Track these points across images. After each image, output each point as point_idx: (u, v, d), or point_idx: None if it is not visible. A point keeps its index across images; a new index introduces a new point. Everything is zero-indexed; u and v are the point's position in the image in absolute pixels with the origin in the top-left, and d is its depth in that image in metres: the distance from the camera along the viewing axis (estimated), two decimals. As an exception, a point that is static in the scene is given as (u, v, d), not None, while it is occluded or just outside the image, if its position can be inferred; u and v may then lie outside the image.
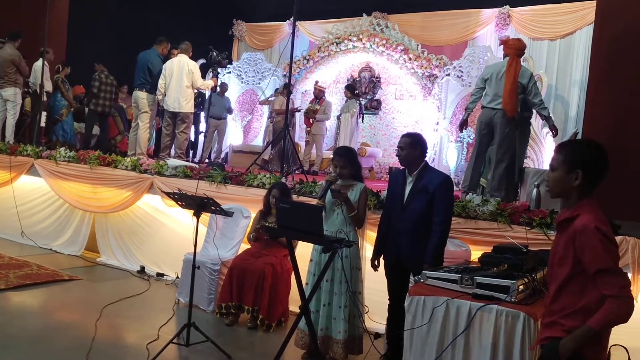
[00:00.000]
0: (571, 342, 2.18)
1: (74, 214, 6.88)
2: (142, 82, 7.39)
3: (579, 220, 2.20)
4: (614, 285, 2.13)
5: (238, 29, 14.00)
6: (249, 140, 12.09)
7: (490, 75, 5.56)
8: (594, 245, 2.14)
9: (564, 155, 2.30)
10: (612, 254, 2.19)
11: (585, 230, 2.16)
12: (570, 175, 2.26)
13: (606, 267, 2.13)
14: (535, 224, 4.17)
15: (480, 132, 5.62)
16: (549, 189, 2.36)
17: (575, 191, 2.27)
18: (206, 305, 5.02)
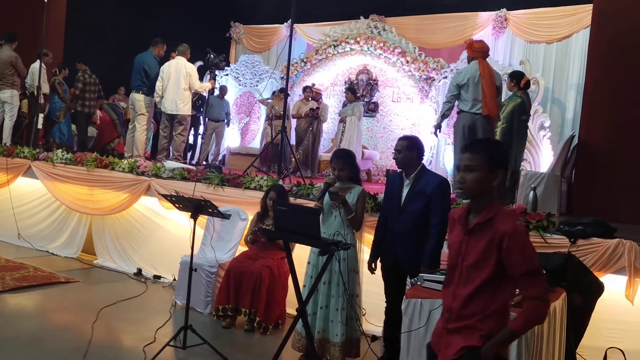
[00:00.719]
0: (493, 348, 2.14)
1: (70, 216, 6.86)
2: (139, 84, 7.38)
3: (501, 223, 2.16)
4: (539, 287, 2.12)
5: (236, 31, 14.01)
6: (247, 142, 12.09)
7: (466, 80, 5.58)
8: (524, 247, 2.13)
9: (486, 155, 2.22)
10: (536, 256, 2.20)
11: (515, 233, 2.13)
12: (491, 175, 2.21)
13: (535, 268, 2.12)
14: (531, 227, 4.17)
15: (464, 136, 5.64)
16: (464, 190, 2.25)
17: (491, 192, 2.24)
18: (203, 308, 5.01)
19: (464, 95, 5.58)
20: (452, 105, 5.69)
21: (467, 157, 2.24)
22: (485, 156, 2.21)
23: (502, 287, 2.18)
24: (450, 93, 5.66)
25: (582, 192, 6.29)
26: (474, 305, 2.20)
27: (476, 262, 2.20)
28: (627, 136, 5.93)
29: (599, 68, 6.27)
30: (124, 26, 10.85)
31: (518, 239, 2.13)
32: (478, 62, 5.62)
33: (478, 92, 5.51)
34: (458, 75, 5.68)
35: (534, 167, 8.19)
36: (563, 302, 3.43)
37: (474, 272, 2.21)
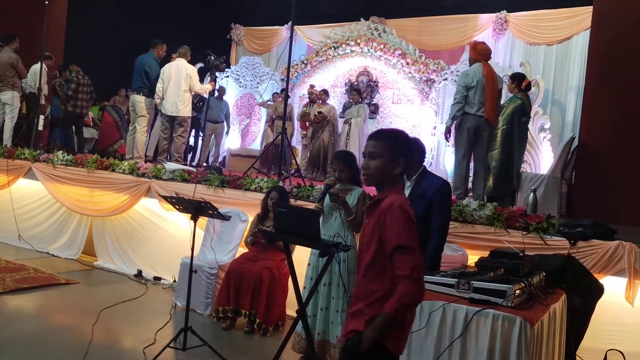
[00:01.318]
0: (371, 332, 2.11)
1: (71, 217, 6.87)
2: (140, 86, 7.39)
3: (385, 200, 2.19)
4: (407, 265, 2.09)
5: (236, 33, 14.03)
6: (247, 144, 12.10)
7: (475, 83, 5.52)
8: (396, 222, 2.12)
9: (389, 143, 2.25)
10: (411, 233, 2.15)
11: (390, 208, 2.14)
12: (393, 163, 2.23)
13: (403, 244, 2.10)
14: (531, 229, 4.18)
15: (469, 139, 5.62)
16: (367, 177, 2.27)
17: (392, 178, 2.25)
18: (203, 309, 5.01)
19: (471, 98, 5.50)
20: (463, 106, 5.55)
21: (370, 145, 2.27)
22: (388, 144, 2.24)
23: (386, 270, 2.15)
24: (459, 94, 5.55)
25: (582, 193, 6.30)
26: (366, 288, 2.20)
27: (367, 243, 2.22)
28: (627, 138, 5.94)
29: (599, 70, 6.28)
30: (125, 28, 10.86)
31: (391, 213, 2.13)
32: (482, 65, 5.58)
33: (483, 95, 5.49)
34: (466, 77, 5.57)
35: (534, 169, 8.19)
36: (563, 303, 3.43)
37: (365, 254, 2.23)
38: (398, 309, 2.09)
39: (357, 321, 2.18)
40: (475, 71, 5.55)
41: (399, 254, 2.10)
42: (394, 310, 2.09)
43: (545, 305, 3.02)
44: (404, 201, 2.19)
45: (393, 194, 2.21)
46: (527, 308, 2.87)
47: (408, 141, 2.34)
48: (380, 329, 2.10)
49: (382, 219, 2.15)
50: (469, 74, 5.57)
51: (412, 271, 2.08)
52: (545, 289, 3.30)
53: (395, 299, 2.08)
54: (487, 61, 5.65)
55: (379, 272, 2.17)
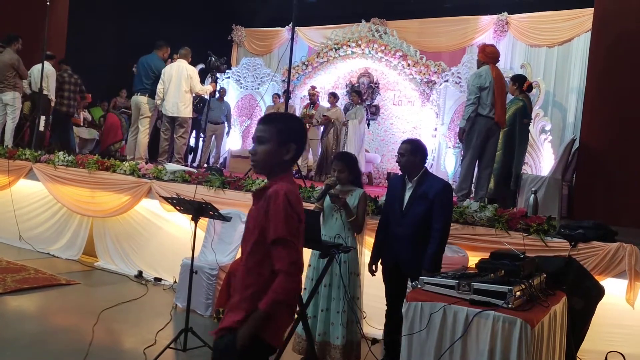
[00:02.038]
0: (247, 330, 2.02)
1: (72, 218, 6.87)
2: (144, 87, 7.40)
3: (272, 187, 2.09)
4: (284, 259, 2.00)
5: (237, 34, 14.05)
6: (248, 145, 12.10)
7: (488, 84, 5.47)
8: (279, 211, 2.02)
9: (278, 128, 2.14)
10: (293, 226, 2.05)
11: (275, 196, 2.04)
12: (282, 149, 2.12)
13: (282, 236, 2.01)
14: (532, 230, 4.18)
15: (481, 141, 5.55)
16: (255, 162, 2.16)
17: (281, 165, 2.15)
18: (204, 310, 5.01)
19: (484, 99, 5.42)
20: (477, 107, 5.45)
21: (259, 129, 2.17)
22: (276, 129, 2.13)
23: (266, 261, 2.05)
24: (473, 95, 5.43)
25: (582, 195, 6.29)
26: (243, 278, 2.11)
27: (250, 231, 2.12)
28: (628, 140, 5.94)
29: (600, 72, 6.28)
30: (126, 29, 10.87)
31: (277, 202, 2.03)
32: (491, 68, 5.54)
33: (493, 97, 5.46)
34: (479, 78, 5.48)
35: (535, 171, 8.19)
36: (563, 305, 3.43)
37: (246, 242, 2.14)
38: (272, 305, 2.01)
39: (233, 316, 2.08)
40: (487, 73, 5.51)
41: (278, 246, 2.01)
42: (268, 306, 2.00)
43: (546, 307, 3.02)
44: (291, 190, 2.09)
45: (280, 181, 2.10)
46: (528, 310, 2.87)
47: (301, 127, 2.25)
48: (254, 326, 2.01)
49: (266, 207, 2.05)
50: (482, 75, 5.49)
51: (289, 266, 2.00)
52: (546, 290, 3.30)
53: (270, 295, 2.00)
54: (495, 64, 5.62)
55: (258, 262, 2.07)
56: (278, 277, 2.01)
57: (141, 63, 7.49)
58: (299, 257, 2.07)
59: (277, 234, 2.01)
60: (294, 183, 2.19)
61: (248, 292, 2.07)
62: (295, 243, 2.05)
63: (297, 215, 2.08)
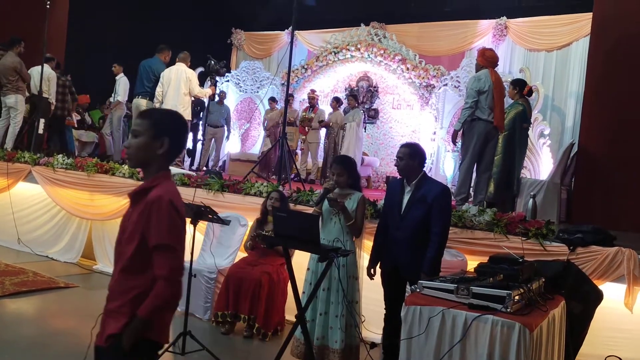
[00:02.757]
0: (129, 337, 1.99)
1: (70, 221, 6.87)
2: (144, 90, 7.41)
3: (154, 191, 2.05)
4: (166, 265, 1.99)
5: (237, 37, 14.07)
6: (247, 148, 12.12)
7: (487, 87, 5.46)
8: (162, 217, 2.00)
9: (152, 121, 2.12)
10: (177, 233, 2.04)
11: (159, 201, 2.01)
12: (156, 142, 2.09)
13: (166, 242, 1.99)
14: (531, 235, 4.18)
15: (479, 144, 5.54)
16: (129, 156, 2.14)
17: (157, 160, 2.12)
18: (202, 314, 5.01)
19: (483, 103, 5.40)
20: (474, 111, 5.41)
21: (134, 123, 2.17)
22: (150, 122, 2.11)
23: (148, 266, 2.02)
24: (471, 99, 5.39)
25: (581, 199, 6.30)
26: (122, 284, 2.07)
27: (130, 234, 2.06)
28: (626, 144, 5.95)
29: (598, 76, 6.30)
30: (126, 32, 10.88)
31: (158, 208, 2.00)
32: (489, 72, 5.54)
33: (493, 101, 5.45)
34: (478, 82, 5.44)
35: (534, 175, 8.20)
36: (562, 309, 3.43)
37: (126, 246, 2.07)
38: (152, 312, 1.99)
39: (116, 322, 2.04)
40: (486, 77, 5.50)
41: (160, 252, 1.99)
42: (148, 313, 1.99)
43: (545, 311, 3.02)
44: (175, 195, 2.07)
45: (163, 184, 2.08)
46: (526, 314, 2.87)
47: (178, 122, 2.21)
48: (137, 332, 2.00)
49: (148, 212, 2.01)
50: (481, 78, 5.46)
51: (170, 272, 1.99)
52: (545, 294, 3.30)
53: (149, 301, 1.99)
54: (494, 68, 5.63)
55: (140, 268, 2.04)
56: (158, 283, 1.99)
57: (142, 66, 7.51)
58: (181, 263, 2.06)
59: (160, 240, 1.99)
60: (173, 183, 2.17)
61: (129, 296, 2.04)
62: (178, 249, 2.03)
63: (182, 221, 2.06)
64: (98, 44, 10.69)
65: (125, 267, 2.07)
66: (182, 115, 2.25)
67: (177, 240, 2.04)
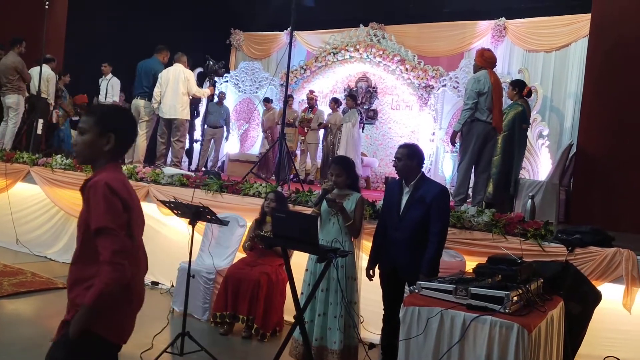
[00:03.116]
0: (75, 325, 1.97)
1: (69, 221, 6.86)
2: (144, 91, 7.41)
3: (93, 179, 2.05)
4: (107, 249, 1.95)
5: (236, 38, 14.06)
6: (246, 149, 12.12)
7: (487, 89, 5.46)
8: (99, 201, 1.98)
9: (97, 118, 2.12)
10: (116, 214, 2.00)
11: (95, 185, 2.00)
12: (101, 139, 2.10)
13: (104, 225, 1.96)
14: (529, 235, 4.18)
15: (478, 145, 5.54)
16: (76, 154, 2.16)
17: (104, 156, 2.12)
18: (201, 314, 5.00)
19: (482, 104, 5.41)
20: (474, 112, 5.43)
21: (80, 121, 2.18)
22: (96, 118, 2.12)
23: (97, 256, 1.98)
24: (471, 100, 5.41)
25: (580, 200, 6.31)
26: (77, 273, 2.07)
27: (79, 226, 2.08)
28: (625, 145, 5.96)
29: (597, 77, 6.31)
30: (125, 32, 10.86)
31: (97, 192, 1.98)
32: (488, 73, 5.55)
33: (492, 102, 5.46)
34: (477, 83, 5.45)
35: (533, 176, 8.21)
36: (560, 310, 3.43)
37: (77, 237, 2.10)
38: (97, 298, 1.94)
39: (69, 313, 2.06)
40: (486, 78, 5.51)
41: (102, 236, 1.96)
42: (93, 300, 1.94)
43: (543, 312, 3.02)
44: (113, 179, 2.04)
45: (103, 173, 2.07)
46: (525, 315, 2.87)
47: (123, 117, 2.21)
48: (82, 321, 1.97)
49: (87, 199, 2.02)
50: (480, 79, 5.47)
51: (112, 255, 1.94)
52: (543, 295, 3.30)
53: (95, 289, 1.94)
54: (492, 69, 5.64)
55: (91, 257, 2.00)
56: (101, 268, 1.95)
57: (141, 67, 7.50)
58: (124, 245, 2.01)
59: (98, 223, 1.96)
60: (120, 172, 2.17)
61: (83, 286, 2.02)
62: (119, 231, 1.99)
63: (121, 202, 2.03)
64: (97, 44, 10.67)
65: (77, 258, 2.08)
66: (127, 111, 2.23)
67: (116, 221, 1.99)
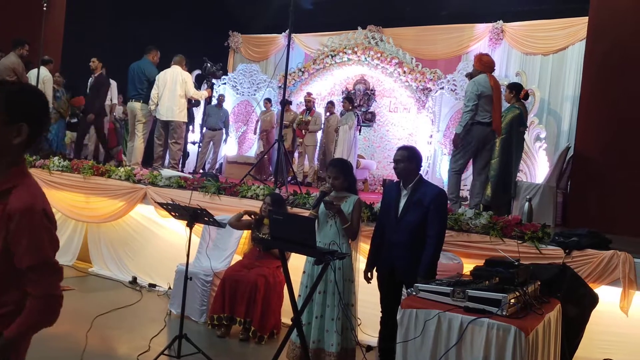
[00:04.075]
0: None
1: (66, 223, 6.84)
2: (138, 93, 7.39)
3: (18, 195, 1.71)
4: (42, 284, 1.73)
5: (234, 40, 14.06)
6: (244, 151, 12.11)
7: (488, 92, 5.50)
8: (38, 234, 1.71)
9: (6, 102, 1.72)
10: (54, 246, 1.77)
11: (30, 214, 1.69)
12: (10, 129, 1.72)
13: (44, 260, 1.73)
14: (527, 238, 4.19)
15: (475, 148, 5.56)
16: None
17: (13, 151, 1.75)
18: (198, 317, 5.00)
19: (482, 107, 5.46)
20: (474, 114, 5.47)
21: None
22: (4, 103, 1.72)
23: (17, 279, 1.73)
24: (472, 102, 5.45)
25: (577, 203, 6.32)
26: None
27: None
28: (622, 148, 5.97)
29: (594, 80, 6.33)
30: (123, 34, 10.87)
31: (30, 223, 1.69)
32: (488, 76, 5.59)
33: (491, 105, 5.50)
34: (478, 85, 5.50)
35: (530, 178, 8.22)
36: (558, 313, 3.44)
37: None
38: (23, 333, 1.75)
39: None
40: (485, 81, 5.55)
41: (34, 272, 1.72)
42: (21, 335, 1.74)
43: (540, 315, 3.03)
44: (44, 200, 1.75)
45: (24, 185, 1.75)
46: (522, 317, 2.87)
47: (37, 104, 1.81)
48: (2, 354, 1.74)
49: (16, 226, 1.69)
50: (480, 82, 5.52)
51: (48, 289, 1.75)
52: (540, 298, 3.31)
53: (21, 321, 1.72)
54: (491, 73, 5.67)
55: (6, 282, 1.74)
56: (33, 301, 1.73)
57: (132, 69, 7.47)
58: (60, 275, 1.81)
59: (37, 260, 1.71)
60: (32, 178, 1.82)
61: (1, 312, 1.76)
62: (55, 262, 1.78)
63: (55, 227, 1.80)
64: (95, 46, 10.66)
65: None
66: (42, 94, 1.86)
67: (54, 253, 1.78)
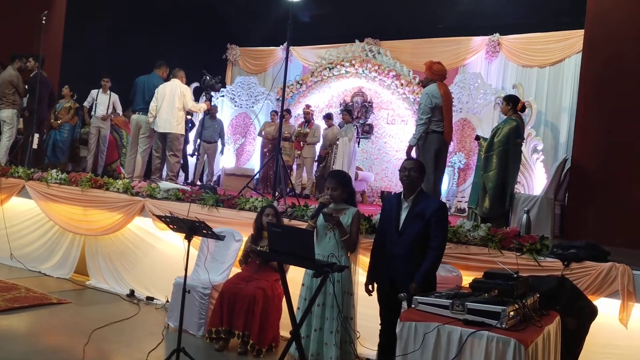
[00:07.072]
0: None
1: (64, 236, 6.83)
2: (145, 107, 7.42)
3: None
4: None
5: (232, 53, 14.14)
6: (242, 163, 12.12)
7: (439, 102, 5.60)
8: None
9: None
10: None
11: None
12: None
13: None
14: (525, 250, 4.19)
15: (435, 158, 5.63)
16: None
17: None
18: (196, 330, 4.97)
19: (434, 117, 5.58)
20: (428, 126, 5.61)
21: None
22: None
23: None
24: (425, 115, 5.57)
25: (575, 215, 6.32)
26: None
27: None
28: (619, 160, 5.99)
29: (590, 92, 6.36)
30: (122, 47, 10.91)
31: None
32: (438, 85, 5.68)
33: (441, 114, 5.61)
34: (431, 97, 5.60)
35: (528, 190, 8.24)
36: (557, 325, 3.43)
37: None
38: None
39: None
40: (436, 90, 5.65)
41: None
42: None
43: (540, 327, 3.02)
44: None
45: None
46: (521, 330, 2.87)
47: None
48: None
49: None
50: (433, 94, 5.62)
51: None
52: (539, 310, 3.30)
53: None
54: (442, 81, 5.74)
55: None
56: None
57: (142, 82, 7.53)
58: None
59: None
60: None
61: None
62: None
63: None
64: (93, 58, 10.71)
65: None
66: None
67: None
